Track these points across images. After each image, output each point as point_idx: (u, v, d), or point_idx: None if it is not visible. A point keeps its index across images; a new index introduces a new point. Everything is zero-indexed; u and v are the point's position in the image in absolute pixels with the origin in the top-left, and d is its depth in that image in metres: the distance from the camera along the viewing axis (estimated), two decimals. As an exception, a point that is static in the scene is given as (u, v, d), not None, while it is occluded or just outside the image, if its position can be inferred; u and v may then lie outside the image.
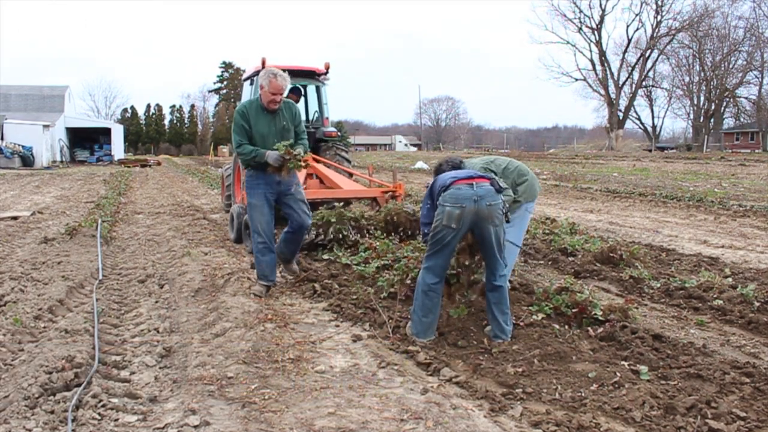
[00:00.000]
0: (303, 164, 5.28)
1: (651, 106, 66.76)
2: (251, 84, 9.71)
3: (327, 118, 10.10)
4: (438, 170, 4.66)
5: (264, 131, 5.29)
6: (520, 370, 3.66)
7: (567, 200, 14.51)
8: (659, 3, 58.28)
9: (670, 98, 66.07)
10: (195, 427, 2.93)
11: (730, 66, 59.99)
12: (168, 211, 11.78)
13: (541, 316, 4.48)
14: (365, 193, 8.81)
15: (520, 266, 6.63)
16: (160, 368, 3.77)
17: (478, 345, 4.09)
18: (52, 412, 3.01)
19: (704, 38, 58.66)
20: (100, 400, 3.14)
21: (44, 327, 4.48)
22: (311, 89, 10.28)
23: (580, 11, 60.78)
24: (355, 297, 5.18)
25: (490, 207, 4.05)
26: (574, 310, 4.51)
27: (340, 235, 7.26)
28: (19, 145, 31.27)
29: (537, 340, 4.06)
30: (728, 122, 65.15)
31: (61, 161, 36.47)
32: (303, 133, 5.55)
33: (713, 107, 62.24)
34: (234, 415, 3.07)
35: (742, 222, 10.34)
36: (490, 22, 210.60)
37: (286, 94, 5.31)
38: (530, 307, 4.66)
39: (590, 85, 63.71)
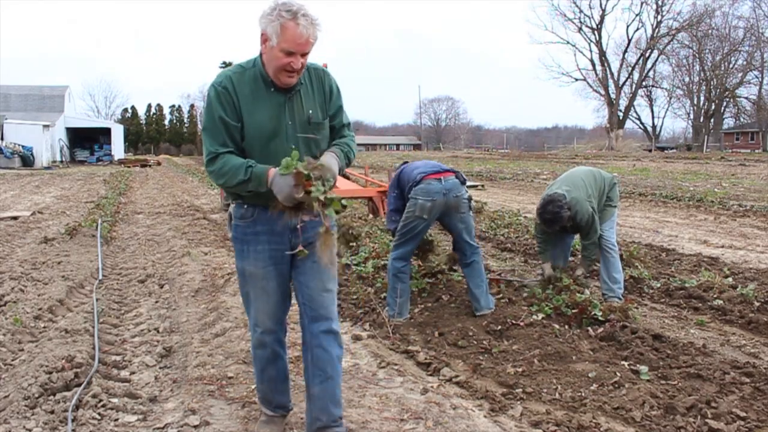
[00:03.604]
0: (333, 202, 2.41)
1: (651, 106, 66.83)
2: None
3: None
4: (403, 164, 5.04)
5: (265, 125, 2.59)
6: (520, 370, 3.67)
7: (567, 200, 14.47)
8: (659, 3, 58.26)
9: (670, 98, 66.08)
10: (195, 427, 2.93)
11: (730, 66, 59.99)
12: (168, 211, 11.77)
13: (541, 316, 4.48)
14: (362, 192, 8.82)
15: (520, 266, 6.63)
16: (160, 368, 3.77)
17: (478, 345, 4.09)
18: (52, 412, 3.01)
19: (704, 38, 58.61)
20: (100, 400, 3.14)
21: (44, 327, 4.48)
22: None
23: (580, 11, 60.68)
24: (355, 297, 5.18)
25: (457, 198, 4.58)
26: (574, 310, 4.51)
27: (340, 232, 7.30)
28: (19, 145, 31.27)
29: (537, 340, 4.06)
30: (728, 122, 65.15)
31: (61, 161, 36.47)
32: (346, 128, 2.84)
33: (713, 107, 62.22)
34: (234, 415, 3.08)
35: (742, 222, 10.33)
36: (491, 21, 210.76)
37: (311, 49, 2.58)
38: (530, 307, 4.66)
39: (590, 85, 63.71)
